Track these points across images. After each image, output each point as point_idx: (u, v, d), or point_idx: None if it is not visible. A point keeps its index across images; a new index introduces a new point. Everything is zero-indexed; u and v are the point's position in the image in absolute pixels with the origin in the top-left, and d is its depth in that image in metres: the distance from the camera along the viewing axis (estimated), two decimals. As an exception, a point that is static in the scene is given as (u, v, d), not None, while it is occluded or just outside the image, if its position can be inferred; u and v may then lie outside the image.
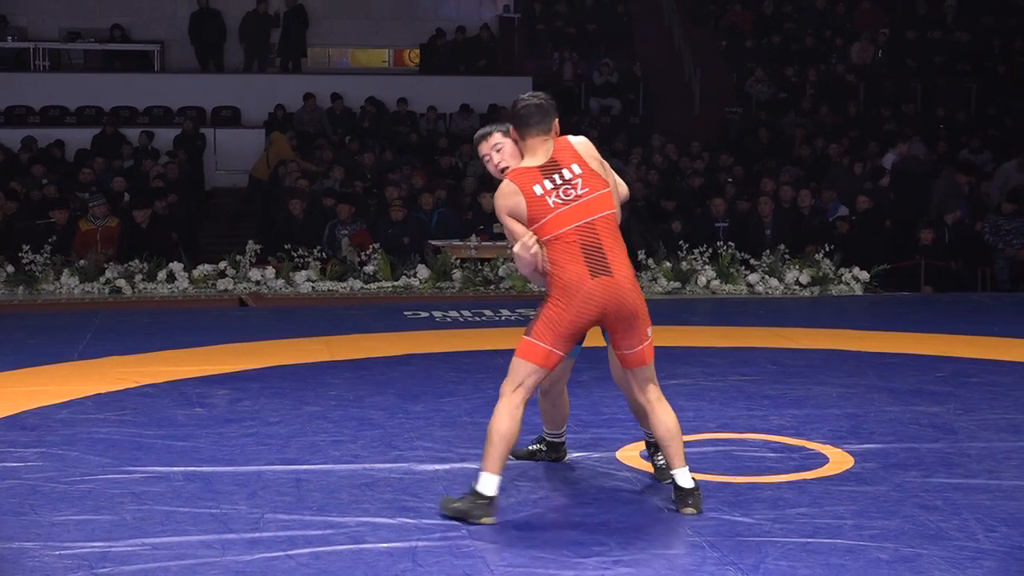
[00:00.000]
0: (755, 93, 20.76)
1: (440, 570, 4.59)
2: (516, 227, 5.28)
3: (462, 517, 5.11)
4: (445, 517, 5.15)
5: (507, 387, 5.21)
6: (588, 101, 20.87)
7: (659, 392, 5.35)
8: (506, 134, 5.53)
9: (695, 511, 5.22)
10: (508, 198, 5.28)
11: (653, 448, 5.79)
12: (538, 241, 5.21)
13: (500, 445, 5.13)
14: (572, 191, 5.23)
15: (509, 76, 21.17)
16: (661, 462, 5.69)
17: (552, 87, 20.92)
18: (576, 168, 5.27)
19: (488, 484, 5.12)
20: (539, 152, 5.35)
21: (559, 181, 5.25)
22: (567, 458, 6.13)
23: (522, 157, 5.42)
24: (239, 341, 9.75)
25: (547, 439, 6.09)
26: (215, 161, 18.94)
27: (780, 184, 15.64)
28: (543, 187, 5.24)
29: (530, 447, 6.15)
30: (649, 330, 5.28)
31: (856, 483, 5.73)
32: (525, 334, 5.24)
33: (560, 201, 5.21)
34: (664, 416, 5.30)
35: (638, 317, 5.23)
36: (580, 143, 5.39)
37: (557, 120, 5.44)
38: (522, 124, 5.38)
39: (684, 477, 5.26)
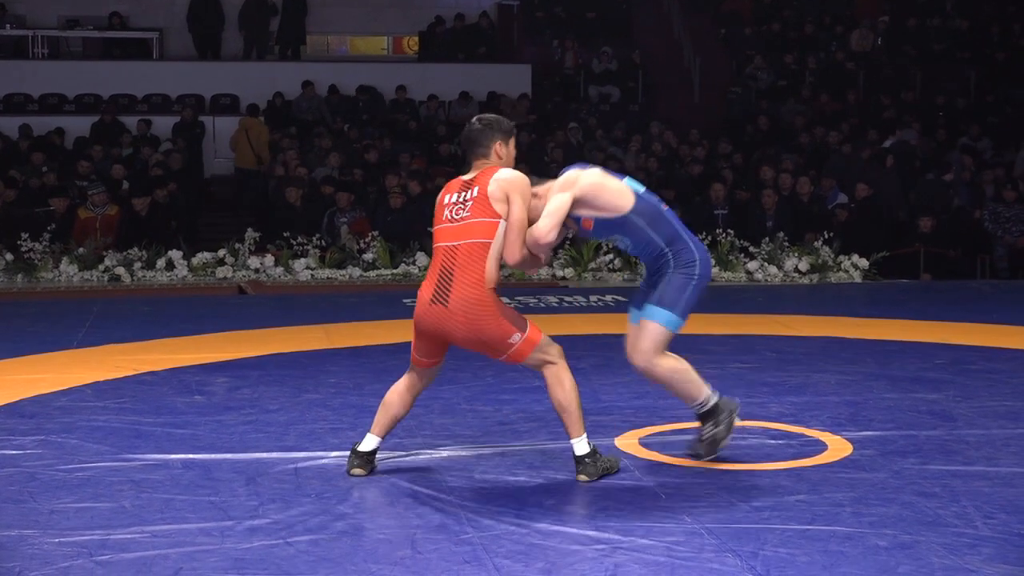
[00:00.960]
0: (755, 80, 20.72)
1: (439, 557, 4.60)
2: None
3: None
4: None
5: (408, 370, 5.69)
6: (587, 89, 20.85)
7: (556, 370, 5.45)
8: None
9: (587, 478, 5.50)
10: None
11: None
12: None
13: (382, 410, 5.64)
14: (461, 211, 5.40)
15: (508, 64, 21.14)
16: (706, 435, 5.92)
17: (552, 75, 20.94)
18: (475, 192, 5.41)
19: (367, 442, 5.63)
20: (474, 171, 5.54)
21: (459, 199, 5.44)
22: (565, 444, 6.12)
23: None
24: (238, 329, 9.76)
25: None
26: (214, 149, 18.92)
27: (780, 172, 15.63)
28: (450, 199, 5.48)
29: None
30: (514, 337, 5.36)
31: (855, 470, 5.74)
32: None
33: (448, 217, 5.44)
34: (557, 390, 5.46)
35: (484, 342, 5.38)
36: (507, 176, 5.43)
37: (499, 143, 5.54)
38: (464, 147, 5.67)
39: (580, 446, 5.51)
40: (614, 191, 5.58)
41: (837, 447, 6.15)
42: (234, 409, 7.01)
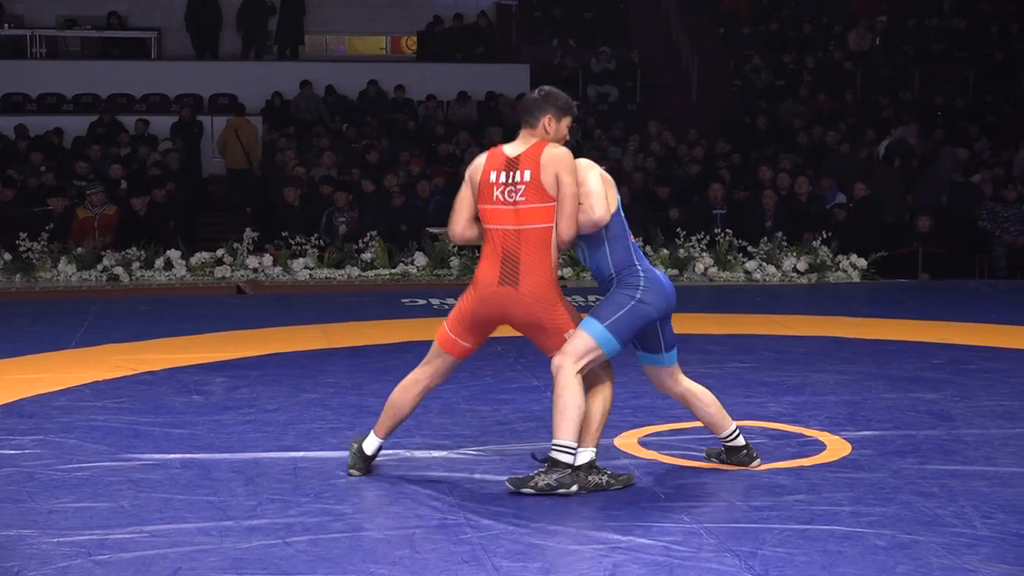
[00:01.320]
0: (753, 80, 20.72)
1: (438, 556, 4.60)
2: (464, 192, 5.53)
3: None
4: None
5: (422, 363, 5.64)
6: (586, 88, 20.84)
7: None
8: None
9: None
10: (472, 166, 5.54)
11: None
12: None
13: (389, 411, 5.60)
14: (514, 195, 5.35)
15: (506, 63, 21.13)
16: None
17: (550, 74, 20.93)
18: (527, 175, 5.34)
19: (370, 443, 5.61)
20: (519, 143, 5.46)
21: (509, 180, 5.36)
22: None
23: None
24: (237, 328, 9.75)
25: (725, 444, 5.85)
26: (212, 149, 18.91)
27: (778, 172, 15.62)
28: (497, 177, 5.39)
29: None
30: (570, 332, 5.35)
31: (853, 470, 5.74)
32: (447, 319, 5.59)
33: (501, 198, 5.36)
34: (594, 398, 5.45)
35: (545, 328, 5.36)
36: (552, 155, 5.34)
37: (549, 117, 5.41)
38: (521, 114, 5.56)
39: (584, 455, 5.40)
40: (612, 192, 5.46)
41: (836, 447, 6.15)
42: (232, 409, 7.01)
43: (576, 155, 5.49)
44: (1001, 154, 17.97)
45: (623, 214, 5.51)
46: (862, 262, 13.37)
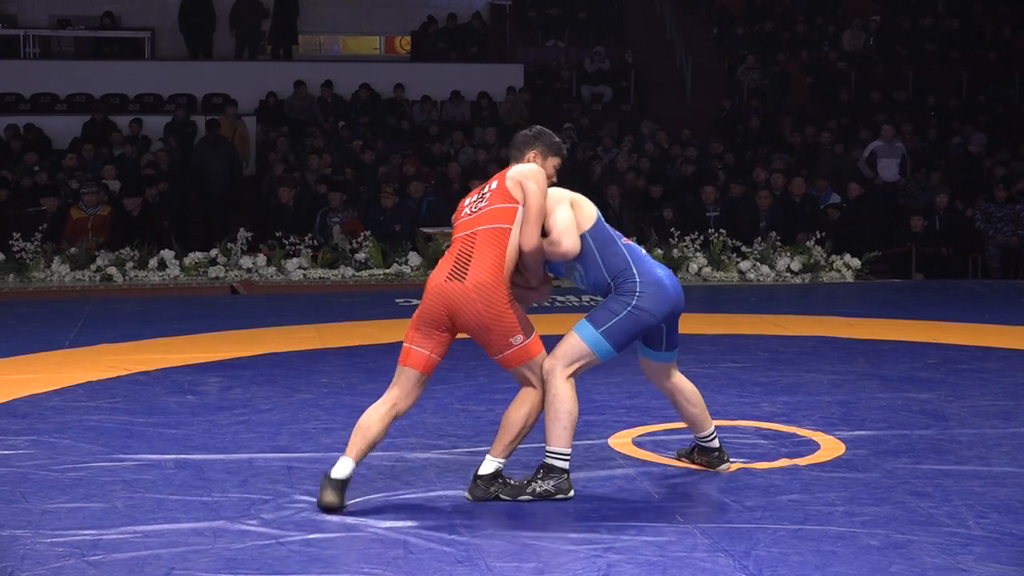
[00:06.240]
0: (746, 80, 20.75)
1: (432, 557, 4.60)
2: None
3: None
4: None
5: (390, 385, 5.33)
6: (580, 88, 20.85)
7: (529, 392, 5.34)
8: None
9: (472, 498, 5.30)
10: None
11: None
12: None
13: (359, 437, 5.22)
14: (481, 203, 5.37)
15: (500, 64, 21.14)
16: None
17: (544, 75, 20.94)
18: (494, 184, 5.39)
19: (342, 468, 5.16)
20: None
21: (479, 196, 5.42)
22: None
23: None
24: (230, 329, 9.75)
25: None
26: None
27: (772, 172, 15.63)
28: (471, 198, 5.46)
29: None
30: (516, 338, 5.22)
31: (847, 470, 5.74)
32: None
33: (469, 212, 5.38)
34: (518, 408, 5.36)
35: (490, 330, 5.20)
36: (521, 167, 5.40)
37: (536, 153, 5.45)
38: (509, 150, 5.63)
39: (488, 465, 5.32)
40: (586, 207, 5.41)
41: (829, 447, 6.16)
42: (226, 409, 7.01)
43: (570, 156, 5.49)
44: (995, 154, 17.98)
45: (604, 222, 5.47)
46: (856, 262, 13.38)
